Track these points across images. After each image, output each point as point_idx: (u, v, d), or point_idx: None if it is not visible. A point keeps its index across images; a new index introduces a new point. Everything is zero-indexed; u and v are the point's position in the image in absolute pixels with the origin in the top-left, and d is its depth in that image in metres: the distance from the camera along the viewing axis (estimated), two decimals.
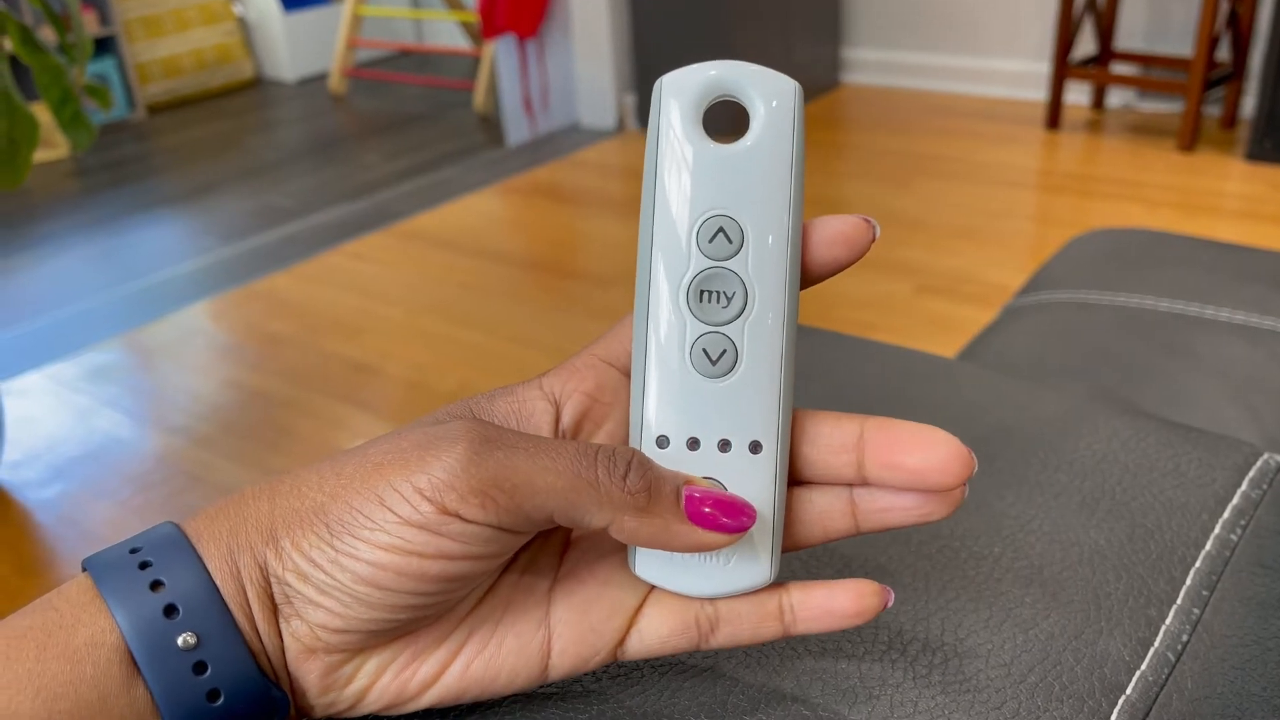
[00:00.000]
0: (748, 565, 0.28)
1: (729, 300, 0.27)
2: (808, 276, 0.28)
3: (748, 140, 0.27)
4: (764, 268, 0.27)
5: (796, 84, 0.27)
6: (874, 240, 0.28)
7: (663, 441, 0.28)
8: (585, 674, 0.31)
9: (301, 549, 0.26)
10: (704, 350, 0.27)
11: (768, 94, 0.27)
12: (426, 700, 0.28)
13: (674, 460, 0.28)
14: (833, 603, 0.28)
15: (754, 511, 0.27)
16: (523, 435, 0.26)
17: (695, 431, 0.27)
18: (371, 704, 0.28)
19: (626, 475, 0.26)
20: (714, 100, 0.27)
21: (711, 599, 0.29)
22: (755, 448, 0.27)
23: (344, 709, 0.28)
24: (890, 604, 0.29)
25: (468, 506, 0.25)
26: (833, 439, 0.28)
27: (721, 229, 0.27)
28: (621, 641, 0.29)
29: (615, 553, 0.29)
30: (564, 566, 0.30)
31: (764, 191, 0.27)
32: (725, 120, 0.28)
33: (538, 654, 0.29)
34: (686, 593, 0.28)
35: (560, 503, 0.25)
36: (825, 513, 0.29)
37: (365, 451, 0.27)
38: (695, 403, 0.27)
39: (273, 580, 0.26)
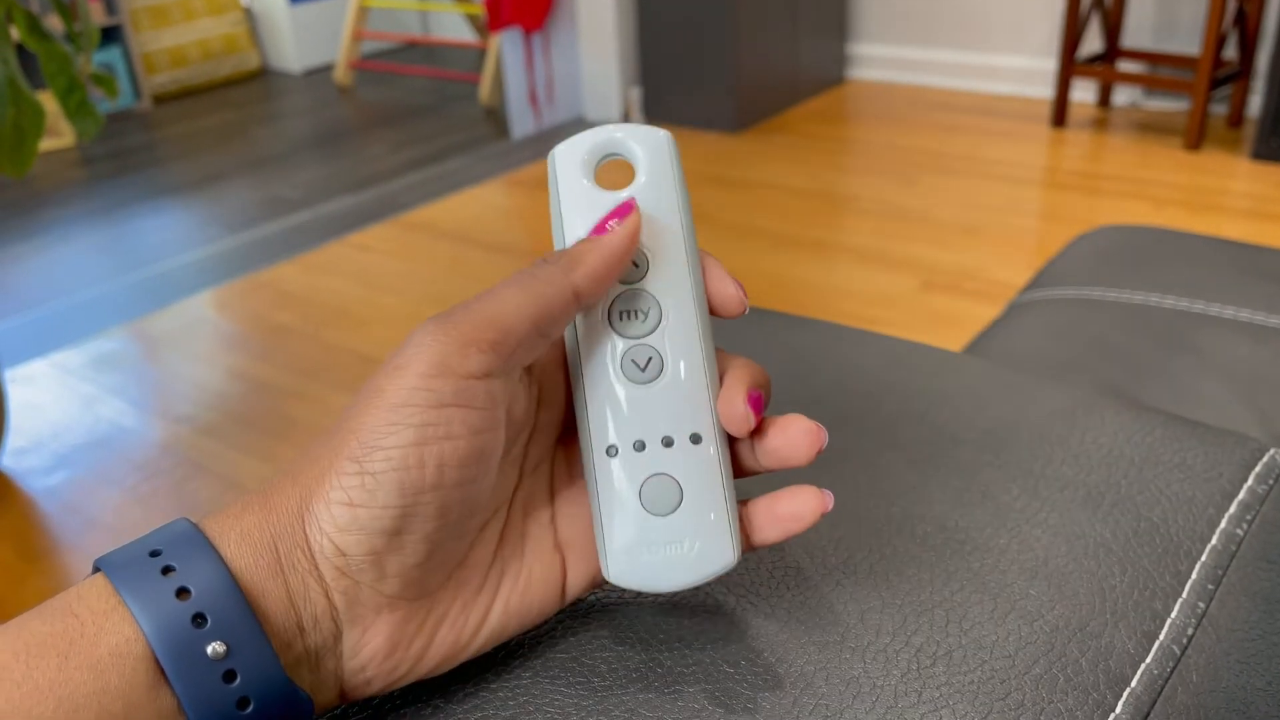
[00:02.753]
0: (712, 550, 0.30)
1: (645, 315, 0.31)
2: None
3: (634, 185, 0.31)
4: (670, 285, 0.31)
5: (668, 134, 0.31)
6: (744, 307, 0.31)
7: (612, 450, 0.30)
8: (594, 593, 0.32)
9: (332, 500, 0.26)
10: (632, 360, 0.30)
11: (644, 145, 0.31)
12: (477, 644, 0.30)
13: (626, 464, 0.30)
14: (777, 508, 0.30)
15: (632, 201, 0.30)
16: (472, 297, 0.29)
17: (639, 434, 0.30)
18: (432, 659, 0.29)
19: (549, 259, 0.29)
20: (601, 159, 0.31)
21: (686, 589, 0.31)
22: (695, 439, 0.30)
23: (404, 673, 0.29)
24: (829, 507, 0.30)
25: (466, 360, 0.27)
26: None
27: None
28: None
29: None
30: (557, 497, 0.32)
31: (657, 223, 0.31)
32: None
33: (557, 579, 0.31)
34: (663, 589, 0.31)
35: (531, 311, 0.28)
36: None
37: (355, 397, 0.28)
38: (633, 408, 0.30)
39: (318, 556, 0.27)
